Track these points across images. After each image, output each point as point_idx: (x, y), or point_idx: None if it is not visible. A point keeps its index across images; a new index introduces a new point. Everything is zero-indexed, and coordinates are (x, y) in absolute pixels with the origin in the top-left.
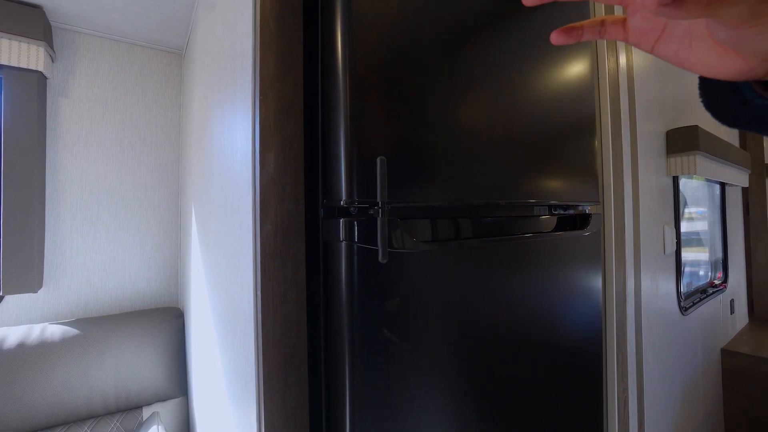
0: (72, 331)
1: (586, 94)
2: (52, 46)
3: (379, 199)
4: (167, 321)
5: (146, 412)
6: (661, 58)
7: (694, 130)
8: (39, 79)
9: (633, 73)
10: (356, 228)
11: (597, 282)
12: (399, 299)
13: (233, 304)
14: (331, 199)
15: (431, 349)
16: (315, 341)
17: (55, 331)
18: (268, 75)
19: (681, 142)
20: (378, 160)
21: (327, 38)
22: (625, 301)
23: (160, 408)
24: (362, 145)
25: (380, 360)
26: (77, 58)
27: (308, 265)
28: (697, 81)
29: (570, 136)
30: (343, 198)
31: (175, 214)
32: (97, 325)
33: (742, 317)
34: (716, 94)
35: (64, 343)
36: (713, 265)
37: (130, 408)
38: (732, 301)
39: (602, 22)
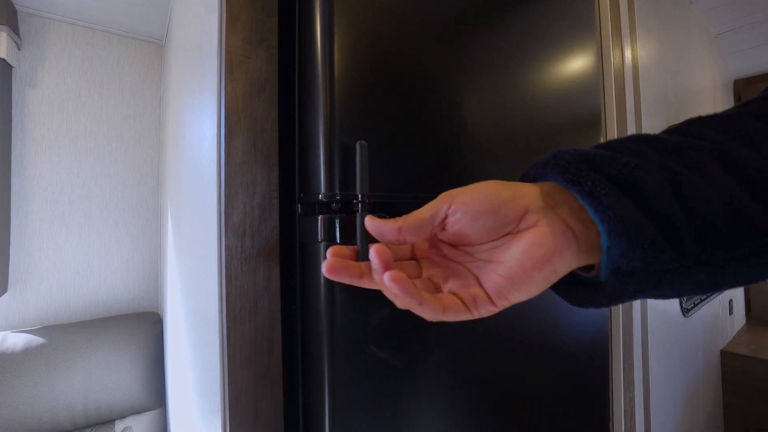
0: (36, 339)
1: (591, 88)
2: (17, 32)
3: (358, 192)
4: (144, 327)
5: (119, 426)
6: None
7: None
8: (3, 68)
9: (638, 66)
10: (337, 226)
11: None
12: (387, 309)
13: (202, 314)
14: (309, 192)
15: (425, 365)
16: (292, 357)
17: (17, 340)
18: (235, 49)
19: None
20: (357, 145)
21: (304, 5)
22: (630, 304)
23: (134, 421)
24: (345, 130)
25: (366, 380)
26: (47, 45)
27: (283, 270)
28: (699, 77)
29: (575, 132)
30: (322, 191)
31: (155, 213)
32: (66, 333)
33: (739, 318)
34: (570, 292)
35: (27, 353)
36: None
37: (101, 422)
38: (731, 301)
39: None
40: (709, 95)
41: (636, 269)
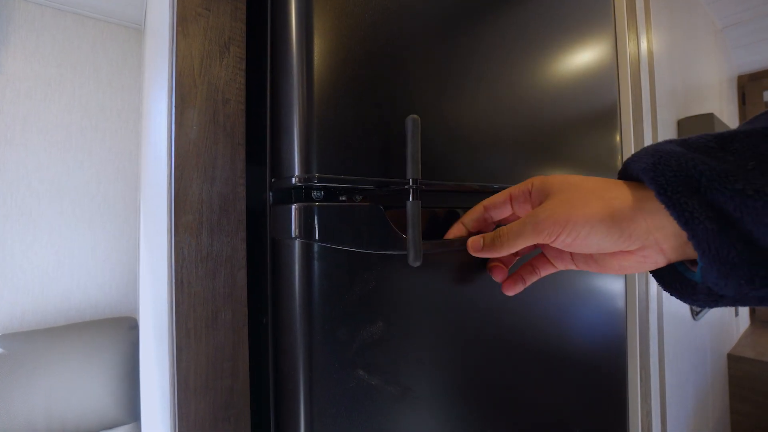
0: None
1: (606, 79)
2: None
3: (409, 177)
4: (118, 333)
5: None
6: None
7: (709, 118)
8: None
9: (653, 57)
10: (316, 217)
11: (619, 287)
12: (381, 323)
13: (158, 326)
14: (282, 177)
15: (427, 391)
16: (261, 382)
17: None
18: None
19: (695, 132)
20: (409, 120)
21: None
22: (647, 308)
23: None
24: (324, 100)
25: (354, 413)
26: (11, 28)
27: (252, 274)
28: (705, 72)
29: (590, 124)
30: (296, 173)
31: (134, 210)
32: (27, 341)
33: (744, 320)
34: (666, 279)
35: None
36: None
37: None
38: None
39: (532, 266)
40: (715, 91)
41: (728, 295)
